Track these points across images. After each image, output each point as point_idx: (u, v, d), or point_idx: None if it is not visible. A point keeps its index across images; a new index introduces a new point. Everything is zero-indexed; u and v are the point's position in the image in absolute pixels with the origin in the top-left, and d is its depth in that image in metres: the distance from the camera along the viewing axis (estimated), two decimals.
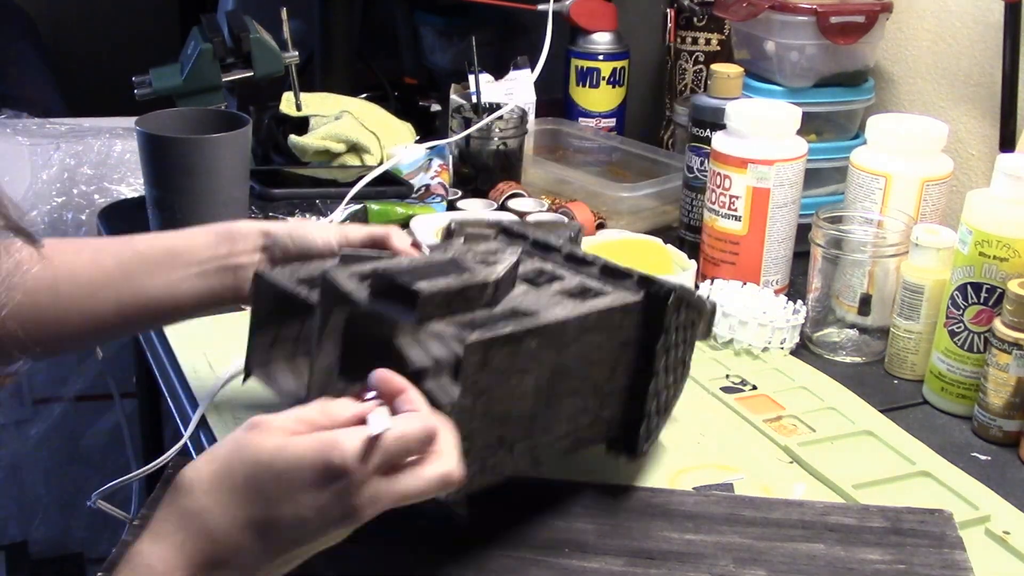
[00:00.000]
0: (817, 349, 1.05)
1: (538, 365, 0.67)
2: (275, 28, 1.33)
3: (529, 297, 0.72)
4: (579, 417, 0.73)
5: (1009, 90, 1.16)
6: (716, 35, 1.46)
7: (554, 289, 0.74)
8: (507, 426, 0.67)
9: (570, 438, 0.73)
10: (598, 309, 0.70)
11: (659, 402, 0.78)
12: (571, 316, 0.69)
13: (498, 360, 0.64)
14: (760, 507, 0.78)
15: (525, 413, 0.68)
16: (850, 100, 1.26)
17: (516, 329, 0.65)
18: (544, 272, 0.77)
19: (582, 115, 1.52)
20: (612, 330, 0.72)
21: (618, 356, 0.74)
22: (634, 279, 0.75)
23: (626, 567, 0.71)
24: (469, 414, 0.64)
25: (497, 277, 0.69)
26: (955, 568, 0.72)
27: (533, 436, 0.70)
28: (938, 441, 0.90)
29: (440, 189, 1.31)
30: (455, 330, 0.65)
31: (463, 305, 0.67)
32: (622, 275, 0.75)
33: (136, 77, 1.29)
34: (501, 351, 0.64)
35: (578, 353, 0.70)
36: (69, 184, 1.54)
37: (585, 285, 0.74)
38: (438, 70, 1.86)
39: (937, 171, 1.05)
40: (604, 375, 0.73)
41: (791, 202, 1.09)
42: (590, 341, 0.71)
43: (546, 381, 0.69)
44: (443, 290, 0.66)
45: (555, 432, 0.72)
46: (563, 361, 0.69)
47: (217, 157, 1.06)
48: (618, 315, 0.72)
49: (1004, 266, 0.88)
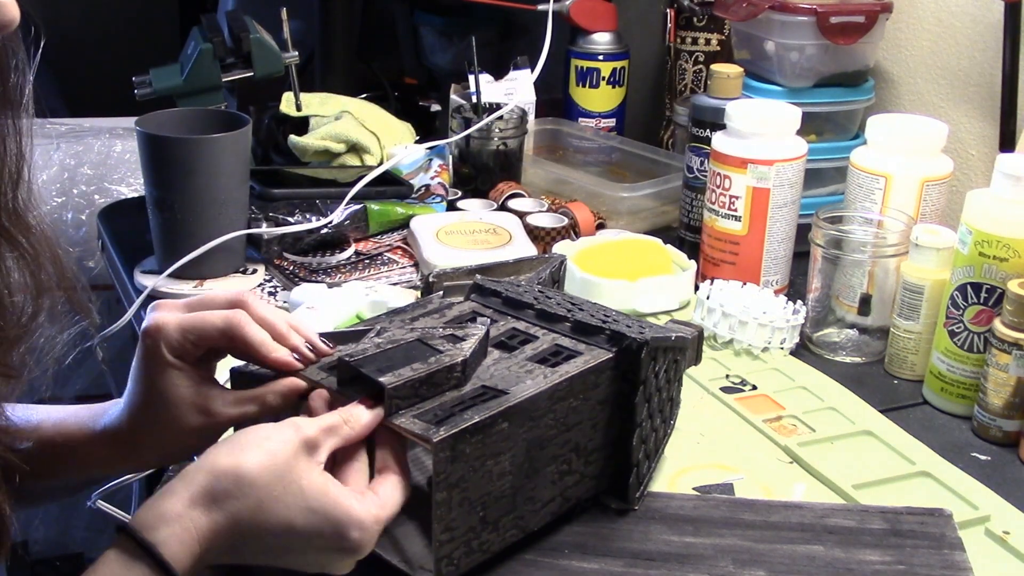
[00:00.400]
0: (817, 349, 1.05)
1: (513, 443, 0.67)
2: (275, 28, 1.33)
3: (500, 368, 0.71)
4: (564, 479, 0.72)
5: (1009, 90, 1.16)
6: (716, 35, 1.46)
7: (526, 354, 0.73)
8: (488, 507, 0.67)
9: (556, 501, 0.73)
10: (569, 375, 0.70)
11: (647, 448, 0.77)
12: (542, 389, 0.68)
13: (470, 449, 0.64)
14: (759, 510, 0.78)
15: (506, 490, 0.68)
16: (850, 100, 1.26)
17: (484, 416, 0.64)
18: (517, 333, 0.76)
19: (582, 115, 1.52)
20: (587, 391, 0.71)
21: (597, 414, 0.73)
22: (606, 334, 0.74)
23: (626, 568, 0.71)
24: (447, 506, 0.63)
25: (464, 357, 0.68)
26: (955, 569, 0.72)
27: (517, 508, 0.69)
28: (938, 441, 0.90)
29: (440, 189, 1.31)
30: (422, 426, 0.63)
31: (431, 390, 0.67)
32: (594, 330, 0.74)
33: (136, 77, 1.29)
34: (471, 440, 0.64)
35: (554, 421, 0.70)
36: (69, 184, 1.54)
37: (558, 346, 0.74)
38: (438, 70, 1.86)
39: (937, 171, 1.05)
40: (585, 435, 0.73)
41: (791, 202, 1.09)
42: (565, 407, 0.70)
43: (523, 455, 0.68)
44: (409, 380, 0.65)
45: (540, 499, 0.71)
46: (539, 433, 0.69)
47: (217, 157, 1.06)
48: (592, 376, 0.71)
49: (1004, 266, 0.88)
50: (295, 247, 1.17)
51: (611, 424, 0.74)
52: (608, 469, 0.76)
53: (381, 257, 1.19)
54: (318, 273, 1.14)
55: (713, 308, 1.03)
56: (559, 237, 1.20)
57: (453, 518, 0.64)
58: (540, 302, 0.79)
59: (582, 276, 1.08)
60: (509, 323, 0.78)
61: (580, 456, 0.73)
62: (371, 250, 1.21)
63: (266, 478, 0.59)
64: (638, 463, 0.76)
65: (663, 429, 0.80)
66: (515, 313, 0.79)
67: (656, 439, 0.79)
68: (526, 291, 0.81)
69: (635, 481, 0.76)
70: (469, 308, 0.80)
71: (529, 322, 0.78)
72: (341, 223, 1.18)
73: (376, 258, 1.19)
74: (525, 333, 0.76)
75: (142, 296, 1.07)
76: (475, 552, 0.67)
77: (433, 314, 0.78)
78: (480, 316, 0.78)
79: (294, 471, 0.60)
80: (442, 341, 0.70)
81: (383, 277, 1.15)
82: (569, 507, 0.74)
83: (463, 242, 1.15)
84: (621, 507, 0.77)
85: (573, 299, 0.82)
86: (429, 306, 0.80)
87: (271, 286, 1.13)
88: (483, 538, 0.67)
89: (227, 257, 1.12)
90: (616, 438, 0.75)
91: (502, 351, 0.74)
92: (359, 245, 1.21)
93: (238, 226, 1.10)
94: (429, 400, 0.66)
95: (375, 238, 1.23)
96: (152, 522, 0.58)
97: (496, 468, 0.66)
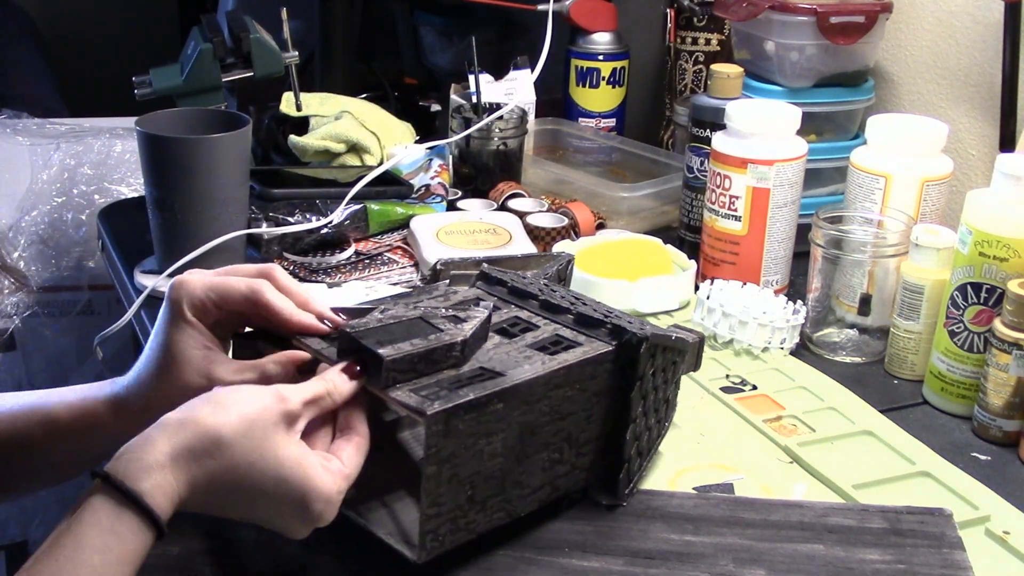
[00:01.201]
0: (817, 349, 1.05)
1: (506, 425, 0.67)
2: (275, 28, 1.33)
3: (500, 352, 0.71)
4: (554, 468, 0.73)
5: (1009, 90, 1.16)
6: (716, 35, 1.46)
7: (527, 341, 0.73)
8: (477, 486, 0.67)
9: (545, 489, 0.73)
10: (567, 364, 0.70)
11: (640, 446, 0.77)
12: (539, 375, 0.68)
13: (463, 426, 0.65)
14: (760, 509, 0.78)
15: (496, 471, 0.68)
16: (850, 100, 1.26)
17: (479, 395, 0.65)
18: (519, 321, 0.77)
19: (582, 115, 1.53)
20: (584, 381, 0.72)
21: (593, 406, 0.73)
22: (607, 328, 0.74)
23: (626, 567, 0.71)
24: (436, 481, 0.64)
25: (464, 338, 0.69)
26: (954, 568, 0.72)
27: (505, 491, 0.70)
28: (938, 441, 0.90)
29: (440, 189, 1.31)
30: (417, 399, 0.64)
31: (429, 367, 0.67)
32: (596, 324, 0.75)
33: (136, 77, 1.29)
34: (465, 417, 0.64)
35: (548, 408, 0.70)
36: (69, 184, 1.54)
37: (558, 336, 0.74)
38: (438, 70, 1.86)
39: (937, 171, 1.05)
40: (579, 426, 0.73)
41: (791, 202, 1.09)
42: (560, 395, 0.71)
43: (516, 439, 0.69)
44: (408, 355, 0.66)
45: (529, 485, 0.71)
46: (533, 418, 0.69)
47: (217, 157, 1.06)
48: (589, 367, 0.72)
49: (1004, 266, 0.88)
50: (295, 247, 1.17)
51: (606, 417, 0.75)
52: (599, 463, 0.76)
53: (381, 257, 1.19)
54: (318, 273, 1.14)
55: (713, 308, 1.03)
56: (559, 237, 1.20)
57: (441, 493, 0.65)
58: (544, 294, 0.79)
59: (582, 276, 1.08)
60: (512, 311, 0.78)
61: (572, 447, 0.73)
62: (371, 250, 1.21)
63: (245, 444, 0.61)
64: (630, 459, 0.76)
65: (656, 429, 0.81)
66: (519, 302, 0.79)
67: (649, 438, 0.79)
68: (531, 283, 0.82)
69: (625, 477, 0.76)
70: (474, 295, 0.80)
71: (532, 312, 0.78)
72: (341, 223, 1.18)
73: (376, 258, 1.19)
74: (527, 322, 0.77)
75: (142, 296, 1.07)
76: (461, 530, 0.68)
77: (438, 298, 0.78)
78: (483, 301, 0.78)
79: (271, 440, 0.62)
80: (444, 320, 0.71)
81: (383, 277, 1.15)
82: (557, 497, 0.74)
83: (463, 242, 1.15)
84: (610, 502, 0.77)
85: (577, 295, 0.82)
86: (435, 292, 0.80)
87: None
88: (470, 517, 0.68)
89: (227, 257, 1.11)
90: (610, 432, 0.75)
91: (503, 337, 0.74)
92: (359, 245, 1.21)
93: (238, 226, 1.10)
94: (427, 376, 0.67)
95: (375, 238, 1.23)
96: (136, 472, 0.59)
97: (488, 448, 0.67)
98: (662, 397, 0.79)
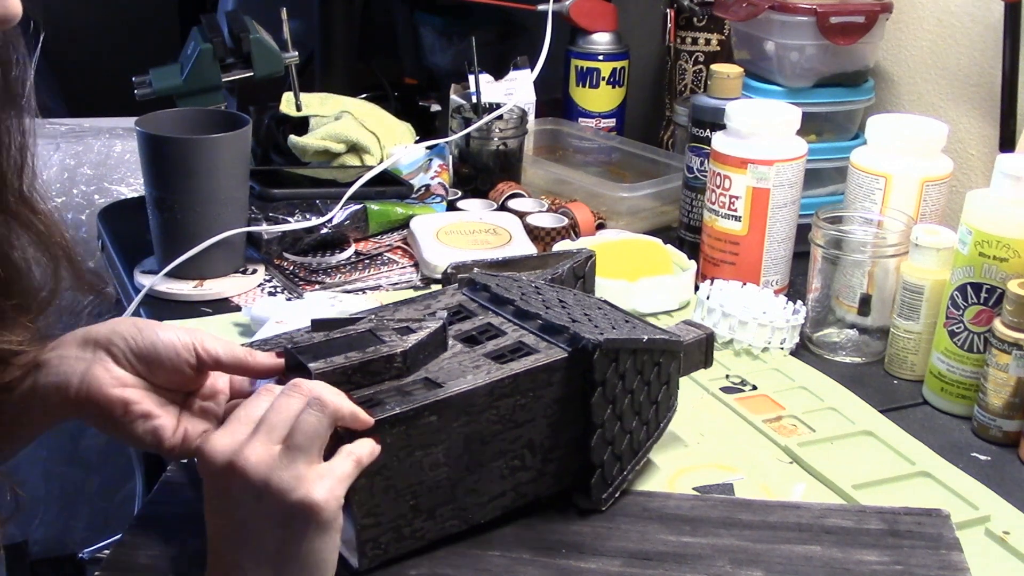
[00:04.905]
0: (817, 349, 1.04)
1: (446, 436, 0.68)
2: (275, 28, 1.33)
3: (453, 362, 0.72)
4: (516, 475, 0.73)
5: (1009, 90, 1.16)
6: (716, 35, 1.46)
7: (486, 350, 0.74)
8: (420, 496, 0.68)
9: (509, 495, 0.73)
10: (515, 373, 0.70)
11: (616, 450, 0.76)
12: (478, 385, 0.69)
13: (391, 439, 0.65)
14: (757, 510, 0.78)
15: (441, 481, 0.69)
16: (850, 100, 1.26)
17: (406, 408, 0.66)
18: (490, 328, 0.77)
19: (582, 115, 1.52)
20: (538, 389, 0.72)
21: (554, 412, 0.73)
22: (567, 335, 0.74)
23: (623, 568, 0.71)
24: (367, 492, 0.65)
25: (405, 349, 0.69)
26: (952, 569, 0.72)
27: (457, 499, 0.70)
28: (938, 441, 0.89)
29: (440, 189, 1.31)
30: None
31: (368, 379, 0.68)
32: (558, 331, 0.75)
33: (136, 77, 1.29)
34: (391, 431, 0.65)
35: (497, 417, 0.70)
36: (69, 184, 1.54)
37: (520, 343, 0.75)
38: (438, 70, 1.86)
39: (937, 171, 1.05)
40: (541, 432, 0.73)
41: (791, 202, 1.09)
42: (510, 404, 0.71)
43: (462, 448, 0.69)
44: (340, 367, 0.67)
45: (487, 493, 0.72)
46: (480, 427, 0.70)
47: (217, 157, 1.06)
48: (543, 374, 0.72)
49: (1004, 266, 0.88)
50: (295, 247, 1.17)
51: (574, 423, 0.74)
52: (573, 467, 0.76)
53: (381, 257, 1.19)
54: (318, 273, 1.14)
55: (713, 308, 1.03)
56: (559, 237, 1.20)
57: (376, 504, 0.66)
58: (522, 299, 0.79)
59: None
60: (488, 318, 0.79)
61: (536, 453, 0.73)
62: (371, 250, 1.21)
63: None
64: (603, 464, 0.75)
65: (644, 431, 0.80)
66: (496, 309, 0.80)
67: (633, 441, 0.78)
68: (515, 288, 0.82)
69: (599, 481, 0.76)
70: (456, 302, 0.81)
71: (505, 318, 0.78)
72: (341, 223, 1.18)
73: (376, 258, 1.19)
74: (497, 329, 0.77)
75: (140, 294, 1.07)
76: (407, 539, 0.69)
77: (419, 307, 0.79)
78: (465, 309, 0.79)
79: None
80: (391, 333, 0.72)
81: (383, 277, 1.15)
82: (526, 502, 0.74)
83: (463, 242, 1.15)
84: (588, 507, 0.76)
85: (569, 297, 0.82)
86: (419, 301, 0.81)
87: (271, 286, 1.13)
88: (416, 525, 0.69)
89: (227, 257, 1.12)
90: (579, 437, 0.75)
91: (467, 345, 0.75)
92: (359, 245, 1.21)
93: (238, 226, 1.10)
94: (366, 388, 0.68)
95: (375, 238, 1.23)
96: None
97: (427, 460, 0.68)
98: (645, 400, 0.78)
